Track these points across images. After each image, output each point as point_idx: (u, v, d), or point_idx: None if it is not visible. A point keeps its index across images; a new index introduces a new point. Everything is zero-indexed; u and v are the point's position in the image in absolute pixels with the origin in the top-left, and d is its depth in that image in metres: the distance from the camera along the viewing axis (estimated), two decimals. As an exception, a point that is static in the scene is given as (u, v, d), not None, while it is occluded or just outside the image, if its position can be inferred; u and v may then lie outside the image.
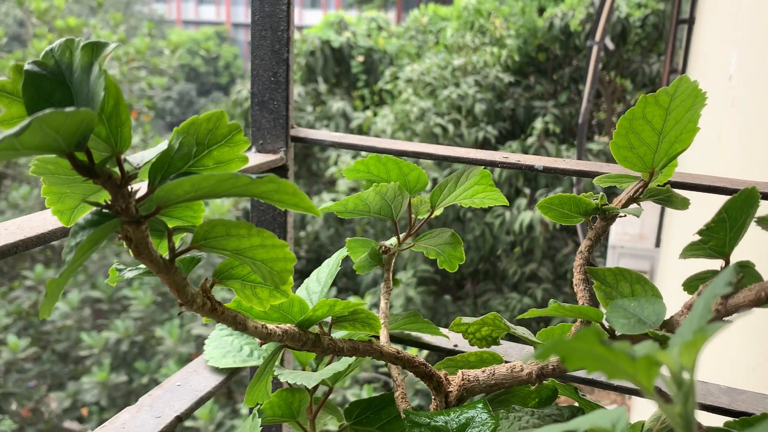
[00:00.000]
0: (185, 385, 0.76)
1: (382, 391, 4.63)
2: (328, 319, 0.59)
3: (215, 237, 0.41)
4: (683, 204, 0.62)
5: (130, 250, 0.40)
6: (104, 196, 0.42)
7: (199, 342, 5.32)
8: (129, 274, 0.46)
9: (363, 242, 0.85)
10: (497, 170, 6.39)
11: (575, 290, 0.61)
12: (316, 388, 0.75)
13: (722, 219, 0.53)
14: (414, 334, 0.88)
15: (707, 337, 0.31)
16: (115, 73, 7.36)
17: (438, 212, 0.85)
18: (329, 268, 0.64)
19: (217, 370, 0.80)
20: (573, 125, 7.00)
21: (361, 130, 7.32)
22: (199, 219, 0.47)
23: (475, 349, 0.73)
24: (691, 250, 0.56)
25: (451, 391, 0.63)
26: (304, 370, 0.80)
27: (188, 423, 4.59)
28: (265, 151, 0.85)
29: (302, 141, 0.84)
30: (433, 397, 0.64)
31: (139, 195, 0.40)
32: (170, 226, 0.46)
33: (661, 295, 0.57)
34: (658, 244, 4.14)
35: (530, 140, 6.44)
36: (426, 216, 0.82)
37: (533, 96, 7.05)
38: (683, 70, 4.02)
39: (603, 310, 0.62)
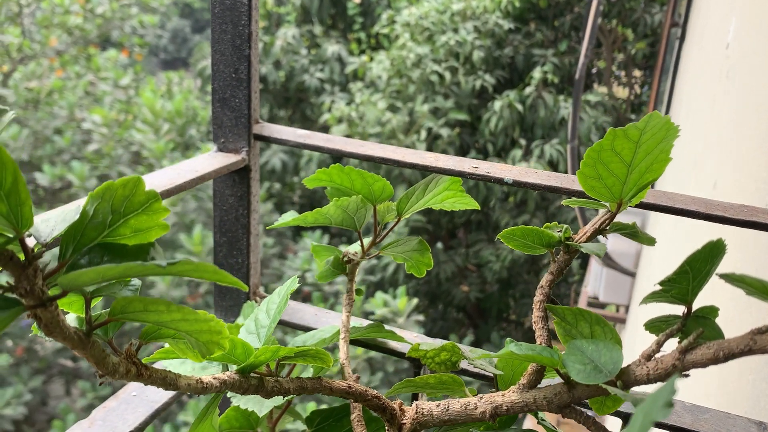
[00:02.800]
0: (141, 396, 0.75)
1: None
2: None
3: (133, 311, 0.39)
4: (650, 242, 0.60)
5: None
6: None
7: (192, 286, 5.36)
8: (50, 335, 0.43)
9: (327, 249, 0.82)
10: (493, 120, 6.31)
11: (534, 327, 0.59)
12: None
13: (685, 271, 0.51)
14: (379, 339, 0.86)
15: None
16: (105, 10, 7.17)
17: (406, 216, 0.82)
18: (279, 299, 0.62)
19: (175, 379, 0.78)
20: (572, 74, 6.88)
21: (356, 76, 7.19)
22: (127, 275, 0.44)
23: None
24: (653, 299, 0.54)
25: (404, 424, 0.61)
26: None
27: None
28: (227, 150, 0.81)
29: (266, 140, 0.81)
30: (387, 428, 0.62)
31: (49, 268, 0.37)
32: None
33: (621, 339, 0.55)
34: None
35: (528, 90, 6.33)
36: (393, 223, 0.80)
37: (533, 44, 6.90)
38: (684, 25, 3.91)
39: (561, 347, 0.60)
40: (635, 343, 3.40)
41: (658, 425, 0.75)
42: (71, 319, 0.47)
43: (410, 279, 6.34)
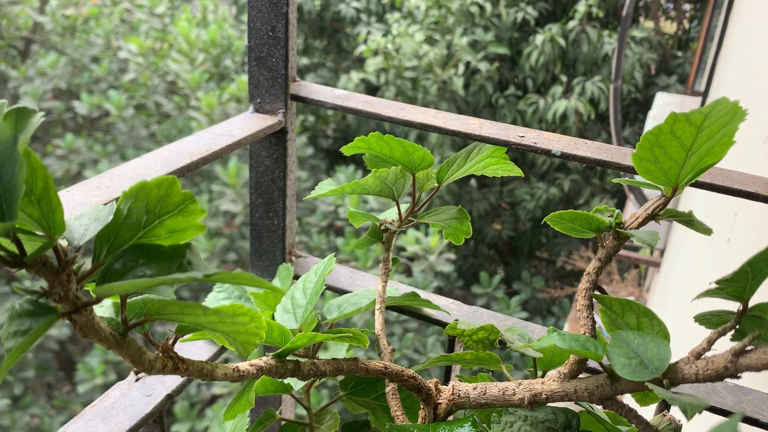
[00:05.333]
0: (178, 358, 0.75)
1: (404, 277, 4.72)
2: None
3: (169, 313, 0.38)
4: (706, 231, 0.56)
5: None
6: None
7: (227, 217, 5.42)
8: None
9: (364, 215, 0.81)
10: (534, 54, 6.12)
11: (578, 315, 0.57)
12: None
13: (744, 271, 0.48)
14: (414, 306, 0.85)
15: None
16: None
17: (446, 183, 0.80)
18: (317, 278, 0.61)
19: (213, 341, 0.79)
20: (618, 7, 6.60)
21: (393, 6, 7.00)
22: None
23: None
24: (708, 295, 0.51)
25: (440, 403, 0.61)
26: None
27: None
28: (264, 111, 0.79)
29: (303, 100, 0.78)
30: (422, 407, 0.62)
31: (82, 270, 0.36)
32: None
33: (669, 334, 0.53)
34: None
35: (571, 24, 6.10)
36: (432, 192, 0.77)
37: (578, -26, 6.60)
38: (743, -41, 3.68)
39: (605, 334, 0.58)
40: (669, 290, 3.37)
41: (698, 405, 0.73)
42: (107, 306, 0.46)
43: (443, 215, 6.31)
